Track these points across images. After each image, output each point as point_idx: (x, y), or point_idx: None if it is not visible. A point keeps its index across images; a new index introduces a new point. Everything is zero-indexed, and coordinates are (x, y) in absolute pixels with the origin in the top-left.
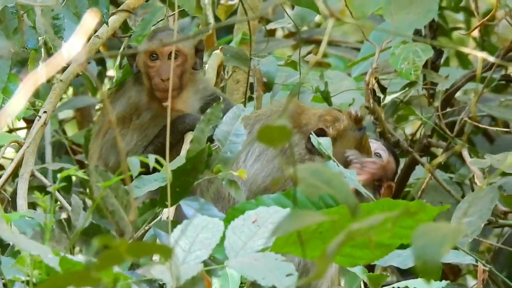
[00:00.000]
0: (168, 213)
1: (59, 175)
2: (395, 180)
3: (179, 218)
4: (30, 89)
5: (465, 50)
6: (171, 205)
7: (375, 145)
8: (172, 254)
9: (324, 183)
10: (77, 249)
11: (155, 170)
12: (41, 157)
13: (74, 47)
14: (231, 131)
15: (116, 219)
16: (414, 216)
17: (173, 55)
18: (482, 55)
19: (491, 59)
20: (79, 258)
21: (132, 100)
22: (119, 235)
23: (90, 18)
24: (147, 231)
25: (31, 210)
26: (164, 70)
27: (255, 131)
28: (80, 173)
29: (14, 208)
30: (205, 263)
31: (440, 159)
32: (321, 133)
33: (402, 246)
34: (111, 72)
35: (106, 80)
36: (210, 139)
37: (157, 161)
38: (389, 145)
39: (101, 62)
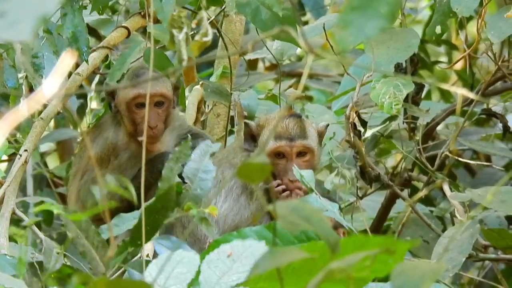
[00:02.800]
0: (147, 251)
1: (34, 209)
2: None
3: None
4: (9, 127)
5: (444, 86)
6: (141, 245)
7: None
8: None
9: (303, 219)
10: None
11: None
12: (22, 190)
13: (52, 86)
14: (200, 168)
15: (88, 259)
16: (390, 253)
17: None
18: (461, 91)
19: (471, 95)
20: None
21: (110, 140)
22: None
23: (68, 58)
24: (125, 270)
25: (13, 244)
26: (152, 118)
27: (219, 173)
28: (56, 207)
29: None
30: None
31: (421, 194)
32: (247, 129)
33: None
34: (94, 104)
35: (88, 112)
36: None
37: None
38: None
39: (83, 95)
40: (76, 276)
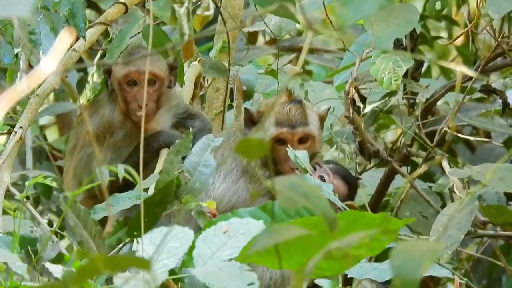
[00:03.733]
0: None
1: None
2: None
3: None
4: (7, 106)
5: (443, 63)
6: (138, 236)
7: (321, 169)
8: (150, 266)
9: (301, 196)
10: None
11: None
12: (22, 163)
13: (50, 64)
14: (200, 162)
15: (85, 248)
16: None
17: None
18: (460, 68)
19: (469, 72)
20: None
21: (106, 118)
22: None
23: (66, 37)
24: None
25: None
26: (142, 96)
27: (219, 155)
28: (50, 181)
29: None
30: (172, 272)
31: (420, 170)
32: (247, 114)
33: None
34: (95, 77)
35: (90, 88)
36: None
37: (131, 176)
38: (342, 169)
39: (82, 69)
40: (75, 252)
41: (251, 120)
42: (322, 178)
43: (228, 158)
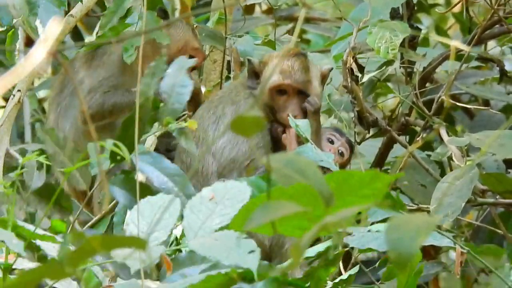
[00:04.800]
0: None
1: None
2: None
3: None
4: (6, 87)
5: (439, 38)
6: (121, 161)
7: (338, 143)
8: (146, 246)
9: (297, 172)
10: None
11: None
12: (20, 136)
13: (41, 50)
14: (176, 83)
15: (68, 177)
16: (370, 186)
17: None
18: (454, 43)
19: (463, 47)
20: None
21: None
22: (72, 191)
23: (56, 24)
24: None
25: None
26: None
27: (219, 110)
28: (42, 159)
29: None
30: (164, 244)
31: (419, 143)
32: (250, 65)
33: None
34: None
35: None
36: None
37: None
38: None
39: (79, 38)
40: (70, 234)
41: (254, 72)
42: (340, 153)
43: (228, 112)
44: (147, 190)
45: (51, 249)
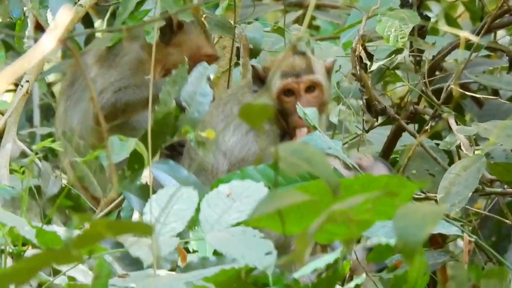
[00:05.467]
0: (145, 177)
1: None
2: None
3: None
4: (13, 78)
5: (447, 29)
6: (139, 169)
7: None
8: (152, 232)
9: (304, 161)
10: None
11: None
12: (29, 120)
13: (51, 40)
14: (197, 91)
15: (86, 183)
16: (393, 195)
17: None
18: (464, 34)
19: (472, 37)
20: (54, 228)
21: (122, 42)
22: (91, 199)
23: (66, 13)
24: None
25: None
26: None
27: (228, 109)
28: (56, 145)
29: None
30: (180, 235)
31: (428, 133)
32: (254, 71)
33: None
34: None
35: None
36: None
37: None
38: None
39: (89, 24)
40: (76, 216)
41: (258, 77)
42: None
43: (236, 111)
44: None
45: (61, 232)
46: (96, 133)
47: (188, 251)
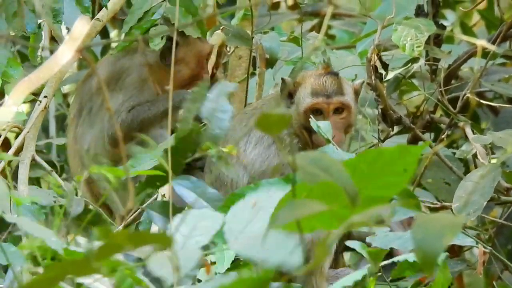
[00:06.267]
0: (164, 192)
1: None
2: None
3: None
4: (26, 92)
5: (463, 37)
6: (161, 185)
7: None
8: (172, 243)
9: (322, 170)
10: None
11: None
12: (45, 130)
13: (67, 52)
14: (217, 108)
15: (108, 201)
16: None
17: None
18: (480, 42)
19: (490, 46)
20: (81, 247)
21: (121, 62)
22: (112, 217)
23: (82, 25)
24: (143, 211)
25: (35, 188)
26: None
27: (251, 123)
28: (103, 170)
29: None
30: (205, 248)
31: (445, 142)
32: (283, 84)
33: None
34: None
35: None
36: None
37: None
38: None
39: (105, 34)
40: (96, 230)
41: (288, 91)
42: None
43: None
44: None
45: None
46: (111, 155)
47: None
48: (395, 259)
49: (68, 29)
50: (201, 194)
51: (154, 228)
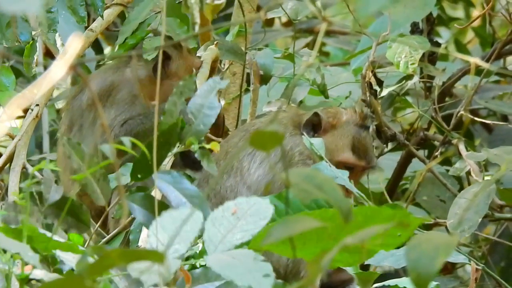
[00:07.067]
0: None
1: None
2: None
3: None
4: (18, 111)
5: (457, 55)
6: (143, 178)
7: None
8: (164, 260)
9: (316, 187)
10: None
11: None
12: (38, 146)
13: (60, 68)
14: (205, 104)
15: (89, 191)
16: (404, 226)
17: None
18: (474, 60)
19: (483, 63)
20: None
21: (111, 78)
22: (92, 208)
23: (76, 41)
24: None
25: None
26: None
27: None
28: (52, 166)
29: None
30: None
31: (439, 159)
32: (315, 118)
33: None
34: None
35: None
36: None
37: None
38: None
39: (100, 51)
40: (89, 248)
41: (316, 125)
42: None
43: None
44: (165, 208)
45: (70, 259)
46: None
47: (194, 267)
48: (386, 283)
49: (62, 41)
50: (181, 190)
51: (144, 234)
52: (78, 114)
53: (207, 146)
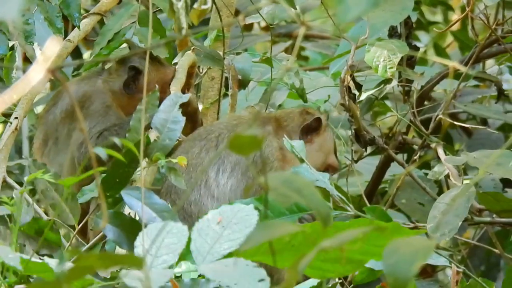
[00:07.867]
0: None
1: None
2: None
3: None
4: (6, 104)
5: (435, 59)
6: (111, 196)
7: None
8: (144, 264)
9: (295, 192)
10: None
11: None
12: (18, 151)
13: (39, 71)
14: (169, 119)
15: (57, 211)
16: (386, 235)
17: None
18: (453, 64)
19: (461, 67)
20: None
21: (83, 89)
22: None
23: (53, 45)
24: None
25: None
26: None
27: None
28: (47, 177)
29: None
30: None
31: (417, 163)
32: (316, 124)
33: None
34: None
35: None
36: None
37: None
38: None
39: (78, 55)
40: (66, 252)
41: (313, 128)
42: None
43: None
44: (137, 225)
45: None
46: (79, 183)
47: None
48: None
49: (41, 48)
50: (150, 205)
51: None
52: (52, 128)
53: (174, 161)
